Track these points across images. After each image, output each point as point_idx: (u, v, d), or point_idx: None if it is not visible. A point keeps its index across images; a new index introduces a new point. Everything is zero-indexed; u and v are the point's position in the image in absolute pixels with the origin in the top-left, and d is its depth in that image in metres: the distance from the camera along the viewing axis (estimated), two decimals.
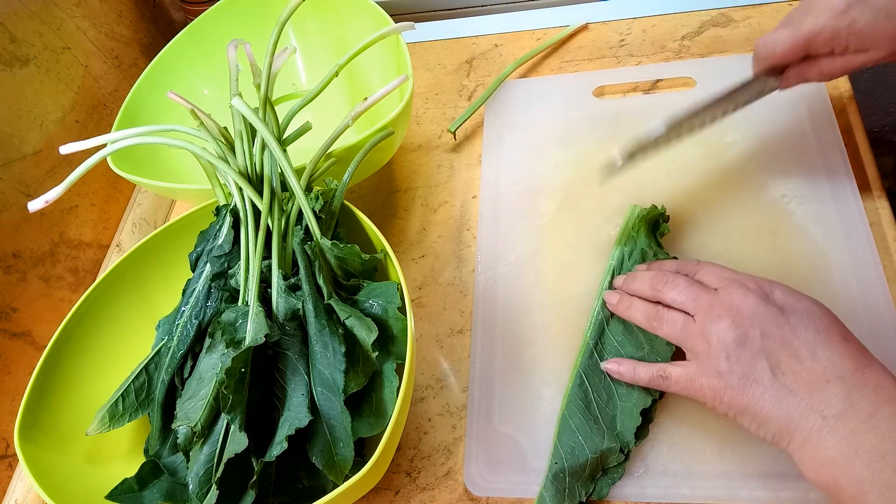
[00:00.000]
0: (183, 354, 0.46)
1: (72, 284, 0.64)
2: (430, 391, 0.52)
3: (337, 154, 0.50)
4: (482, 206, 0.60)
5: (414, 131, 0.68)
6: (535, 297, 0.54)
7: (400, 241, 0.61)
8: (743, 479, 0.43)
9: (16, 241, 0.59)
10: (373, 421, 0.42)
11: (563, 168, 0.60)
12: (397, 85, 0.49)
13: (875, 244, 0.49)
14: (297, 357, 0.42)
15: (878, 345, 0.46)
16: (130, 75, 0.74)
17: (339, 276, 0.47)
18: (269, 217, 0.45)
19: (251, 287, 0.43)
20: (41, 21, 0.63)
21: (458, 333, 0.54)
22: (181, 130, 0.48)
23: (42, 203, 0.43)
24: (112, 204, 0.70)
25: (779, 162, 0.55)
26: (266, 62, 0.48)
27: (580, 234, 0.56)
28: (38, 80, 0.63)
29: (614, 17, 0.70)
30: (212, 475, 0.41)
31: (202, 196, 0.52)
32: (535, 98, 0.65)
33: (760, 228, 0.52)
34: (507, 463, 0.47)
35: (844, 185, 0.52)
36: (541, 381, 0.50)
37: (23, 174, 0.60)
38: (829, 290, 0.48)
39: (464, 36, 0.74)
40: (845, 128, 0.55)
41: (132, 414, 0.46)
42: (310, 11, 0.66)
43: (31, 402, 0.45)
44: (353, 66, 0.55)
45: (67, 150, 0.47)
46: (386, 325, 0.44)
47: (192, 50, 0.67)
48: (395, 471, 0.49)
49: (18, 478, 0.56)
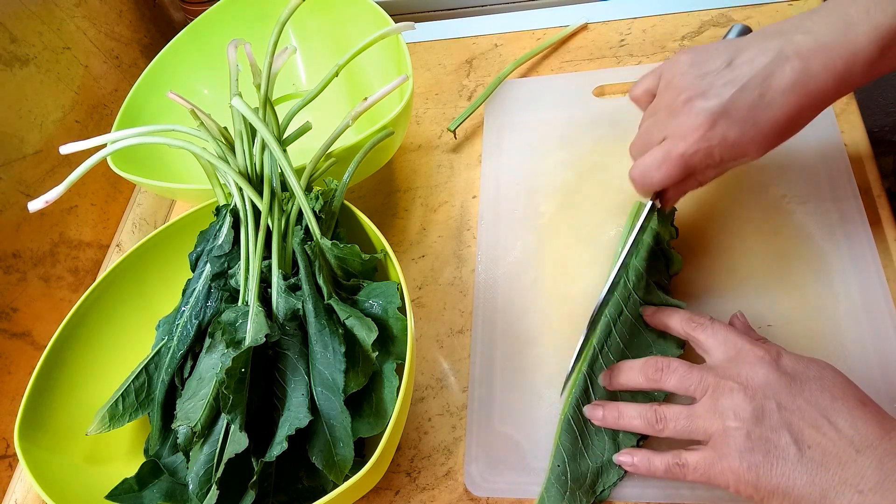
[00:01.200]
0: (183, 354, 0.46)
1: (72, 284, 0.64)
2: (430, 391, 0.52)
3: (337, 154, 0.50)
4: (482, 206, 0.60)
5: (414, 131, 0.68)
6: (535, 296, 0.54)
7: (400, 241, 0.61)
8: None
9: (16, 241, 0.59)
10: (373, 421, 0.42)
11: (563, 168, 0.60)
12: (397, 85, 0.49)
13: (875, 244, 0.49)
14: (297, 357, 0.42)
15: (879, 345, 0.46)
16: (130, 75, 0.74)
17: (339, 276, 0.47)
18: (269, 217, 0.45)
19: (251, 287, 0.43)
20: (41, 21, 0.63)
21: (458, 333, 0.54)
22: (181, 130, 0.48)
23: (42, 203, 0.43)
24: (112, 204, 0.70)
25: (779, 162, 0.55)
26: (266, 62, 0.48)
27: (580, 234, 0.56)
28: (38, 80, 0.63)
29: (614, 17, 0.70)
30: (212, 475, 0.41)
31: (202, 196, 0.52)
32: (535, 98, 0.65)
33: (760, 228, 0.52)
34: (507, 463, 0.47)
35: (844, 185, 0.52)
36: (541, 381, 0.50)
37: (23, 174, 0.60)
38: (829, 290, 0.48)
39: (464, 36, 0.74)
40: (845, 128, 0.55)
41: (132, 414, 0.46)
42: (310, 11, 0.66)
43: (31, 402, 0.45)
44: (353, 66, 0.55)
45: (67, 150, 0.47)
46: (386, 325, 0.44)
47: (192, 50, 0.67)
48: (395, 471, 0.49)
49: (18, 478, 0.56)
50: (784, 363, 0.39)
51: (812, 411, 0.36)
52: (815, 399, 0.37)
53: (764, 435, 0.36)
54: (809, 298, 0.48)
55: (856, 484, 0.34)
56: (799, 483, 0.35)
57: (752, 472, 0.36)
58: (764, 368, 0.38)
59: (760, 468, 0.36)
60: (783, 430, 0.36)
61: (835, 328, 0.47)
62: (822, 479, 0.35)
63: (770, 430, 0.36)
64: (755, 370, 0.38)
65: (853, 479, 0.34)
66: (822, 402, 0.36)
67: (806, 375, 0.38)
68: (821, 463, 0.35)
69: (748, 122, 0.39)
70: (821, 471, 0.35)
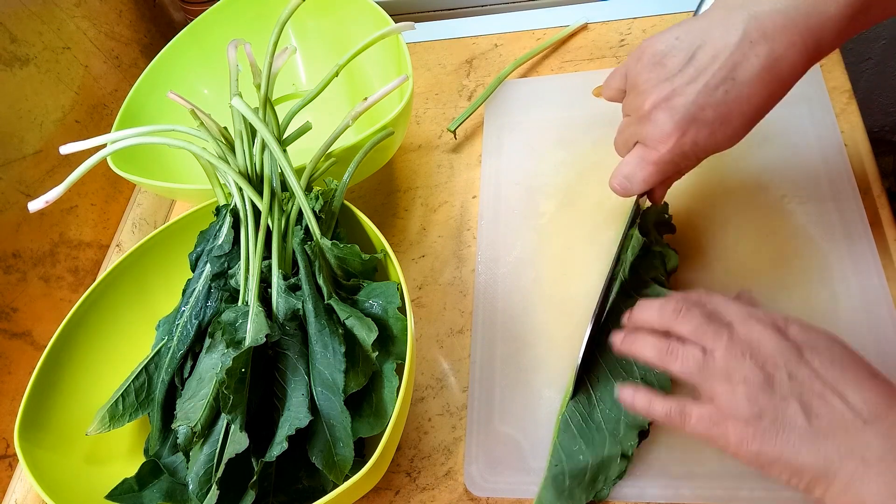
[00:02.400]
0: (183, 354, 0.46)
1: (72, 284, 0.64)
2: (430, 391, 0.52)
3: (337, 154, 0.50)
4: (482, 206, 0.60)
5: (414, 131, 0.68)
6: (535, 296, 0.54)
7: (400, 241, 0.61)
8: (743, 479, 0.43)
9: (16, 241, 0.59)
10: (373, 421, 0.42)
11: (563, 168, 0.60)
12: (397, 85, 0.49)
13: (875, 244, 0.49)
14: (297, 357, 0.42)
15: (879, 345, 0.46)
16: (130, 75, 0.74)
17: (339, 276, 0.47)
18: (269, 217, 0.45)
19: (251, 287, 0.43)
20: (41, 21, 0.63)
21: (458, 333, 0.54)
22: (181, 130, 0.48)
23: (42, 203, 0.43)
24: (112, 204, 0.70)
25: (779, 162, 0.55)
26: (266, 62, 0.48)
27: (580, 234, 0.56)
28: (38, 80, 0.63)
29: (614, 17, 0.70)
30: (212, 475, 0.41)
31: (202, 196, 0.52)
32: (535, 98, 0.65)
33: (760, 228, 0.52)
34: (507, 463, 0.47)
35: (844, 185, 0.52)
36: (541, 381, 0.50)
37: (23, 174, 0.60)
38: (829, 290, 0.48)
39: (464, 36, 0.74)
40: (845, 128, 0.55)
41: (132, 414, 0.46)
42: (310, 11, 0.66)
43: (31, 402, 0.45)
44: (353, 66, 0.55)
45: (67, 150, 0.47)
46: (386, 325, 0.44)
47: (192, 50, 0.67)
48: (395, 471, 0.49)
49: (18, 478, 0.56)
50: (792, 333, 0.38)
51: (821, 381, 0.36)
52: (825, 369, 0.36)
53: (773, 403, 0.36)
54: (809, 298, 0.48)
55: (861, 454, 0.33)
56: (803, 452, 0.35)
57: (757, 439, 0.36)
58: (773, 336, 0.38)
59: (766, 435, 0.36)
60: (792, 399, 0.36)
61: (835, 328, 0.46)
62: (826, 448, 0.34)
63: (780, 398, 0.36)
64: (764, 337, 0.38)
65: (859, 448, 0.34)
66: (832, 373, 0.36)
67: (816, 345, 0.37)
68: (827, 433, 0.35)
69: (717, 122, 0.38)
70: (826, 440, 0.34)
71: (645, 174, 0.42)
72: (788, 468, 0.35)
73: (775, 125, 0.57)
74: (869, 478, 0.33)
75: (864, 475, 0.33)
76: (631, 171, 0.42)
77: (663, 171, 0.41)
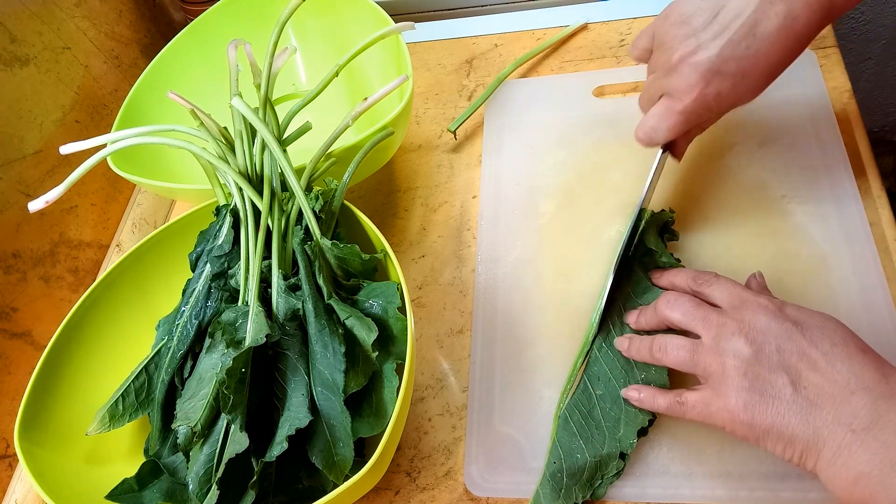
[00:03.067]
0: (183, 354, 0.46)
1: (72, 284, 0.64)
2: (430, 391, 0.52)
3: (337, 154, 0.50)
4: (482, 206, 0.60)
5: (414, 131, 0.68)
6: (535, 297, 0.54)
7: (400, 241, 0.61)
8: (743, 479, 0.43)
9: (16, 241, 0.59)
10: (373, 421, 0.42)
11: (563, 168, 0.60)
12: (397, 85, 0.49)
13: (875, 244, 0.49)
14: (297, 357, 0.42)
15: (879, 345, 0.45)
16: (130, 75, 0.74)
17: (339, 276, 0.47)
18: (269, 217, 0.45)
19: (251, 287, 0.43)
20: (41, 21, 0.63)
21: (458, 333, 0.54)
22: (181, 130, 0.48)
23: (42, 203, 0.43)
24: (112, 204, 0.70)
25: (779, 162, 0.55)
26: (266, 62, 0.48)
27: (580, 235, 0.56)
28: (38, 80, 0.63)
29: (614, 17, 0.70)
30: (212, 475, 0.41)
31: (202, 196, 0.52)
32: (535, 98, 0.65)
33: (760, 228, 0.52)
34: (508, 463, 0.47)
35: (844, 185, 0.52)
36: (541, 381, 0.50)
37: (23, 174, 0.60)
38: (829, 290, 0.48)
39: (464, 36, 0.74)
40: (845, 128, 0.55)
41: (132, 414, 0.46)
42: (310, 11, 0.66)
43: (31, 402, 0.45)
44: (353, 66, 0.55)
45: (67, 150, 0.47)
46: (386, 325, 0.44)
47: (192, 50, 0.67)
48: (395, 471, 0.49)
49: (18, 478, 0.56)
50: (788, 312, 0.39)
51: (810, 353, 0.37)
52: (816, 343, 0.37)
53: (761, 375, 0.37)
54: (809, 298, 0.48)
55: (849, 423, 0.34)
56: (793, 422, 0.36)
57: (748, 412, 0.37)
58: (767, 315, 0.39)
59: (756, 407, 0.37)
60: (780, 370, 0.37)
61: None
62: (815, 417, 0.35)
63: (768, 370, 0.37)
64: (757, 316, 0.39)
65: (846, 418, 0.34)
66: (822, 347, 0.37)
67: (809, 323, 0.38)
68: (815, 402, 0.35)
69: (738, 74, 0.40)
70: (814, 410, 0.35)
71: (670, 123, 0.43)
72: (781, 439, 0.36)
73: (775, 125, 0.57)
74: (856, 447, 0.34)
75: (852, 444, 0.34)
76: (657, 122, 0.44)
77: (688, 120, 0.43)
